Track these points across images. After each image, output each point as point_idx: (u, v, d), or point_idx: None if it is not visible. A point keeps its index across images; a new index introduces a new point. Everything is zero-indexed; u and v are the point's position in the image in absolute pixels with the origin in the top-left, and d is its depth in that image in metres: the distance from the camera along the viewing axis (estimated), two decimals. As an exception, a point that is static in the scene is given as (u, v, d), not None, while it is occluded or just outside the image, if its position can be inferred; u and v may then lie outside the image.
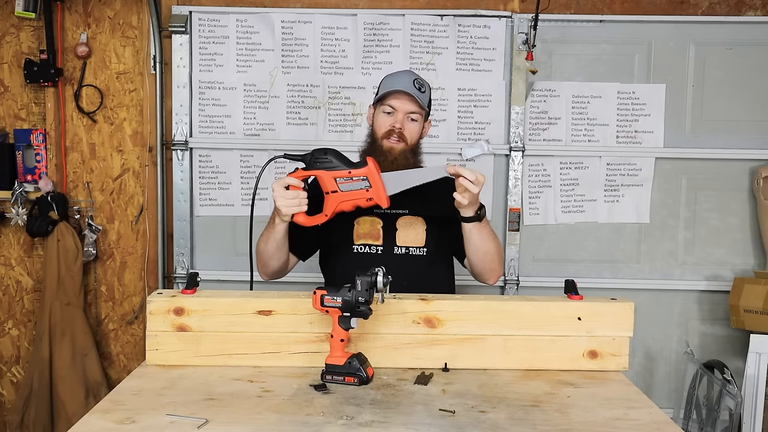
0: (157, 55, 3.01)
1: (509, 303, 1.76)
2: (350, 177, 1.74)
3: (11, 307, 3.16)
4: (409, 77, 2.01)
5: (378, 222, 2.05)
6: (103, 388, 3.01)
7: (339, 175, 1.74)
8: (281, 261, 2.03)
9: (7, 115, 3.09)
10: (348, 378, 1.58)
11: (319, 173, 1.77)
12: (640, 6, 3.04)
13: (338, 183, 1.75)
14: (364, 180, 1.73)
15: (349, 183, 1.74)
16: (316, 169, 1.77)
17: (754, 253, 3.10)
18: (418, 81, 2.01)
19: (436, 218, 2.07)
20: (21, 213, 3.00)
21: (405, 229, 2.05)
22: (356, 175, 1.74)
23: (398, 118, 1.99)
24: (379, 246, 2.04)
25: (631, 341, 1.75)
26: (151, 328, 1.71)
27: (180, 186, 3.05)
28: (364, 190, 1.74)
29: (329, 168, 1.75)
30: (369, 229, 2.04)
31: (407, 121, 2.00)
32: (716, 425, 2.52)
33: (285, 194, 1.81)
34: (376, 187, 1.74)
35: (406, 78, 2.01)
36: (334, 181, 1.75)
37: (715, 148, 3.06)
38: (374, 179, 1.73)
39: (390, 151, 1.98)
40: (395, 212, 2.05)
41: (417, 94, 1.98)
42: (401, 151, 1.99)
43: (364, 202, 1.76)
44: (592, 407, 1.49)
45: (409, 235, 2.04)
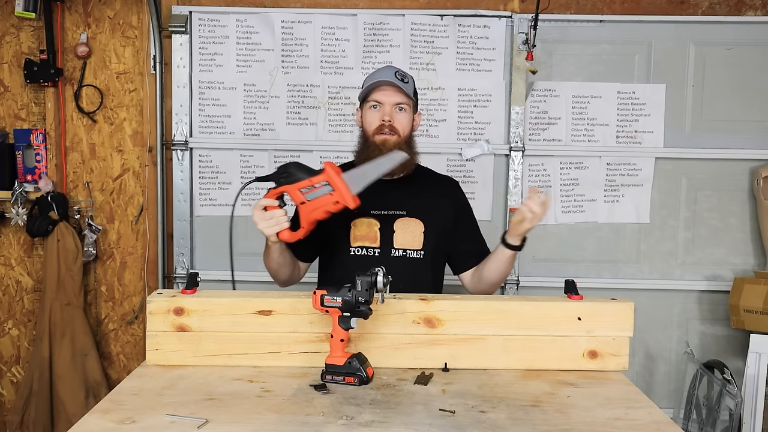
0: (157, 55, 3.01)
1: (509, 303, 1.76)
2: (312, 185, 1.74)
3: (11, 307, 3.16)
4: (390, 70, 2.00)
5: (375, 224, 2.02)
6: (103, 388, 3.01)
7: (302, 186, 1.75)
8: (289, 271, 2.05)
9: (7, 115, 3.09)
10: (348, 378, 1.58)
11: (286, 188, 1.78)
12: (640, 6, 3.04)
13: (304, 194, 1.76)
14: (326, 185, 1.74)
15: (312, 191, 1.75)
16: (282, 185, 1.78)
17: (754, 253, 3.10)
18: (399, 73, 1.99)
19: (435, 220, 2.05)
20: (21, 213, 3.00)
21: (402, 231, 2.02)
22: (317, 182, 1.74)
23: (386, 111, 1.97)
24: (376, 248, 2.01)
25: (631, 341, 1.75)
26: (151, 328, 1.71)
27: (180, 186, 3.05)
28: (329, 194, 1.75)
29: (293, 181, 1.76)
30: (366, 231, 2.02)
31: (396, 112, 1.98)
32: (716, 425, 2.52)
33: (263, 216, 1.82)
34: (339, 190, 1.73)
35: (388, 71, 1.99)
36: (299, 192, 1.76)
37: (715, 148, 3.06)
38: (335, 182, 1.73)
39: (384, 144, 1.96)
40: (393, 213, 2.02)
41: (401, 84, 1.96)
42: (395, 143, 1.96)
43: (333, 206, 1.76)
44: (592, 407, 1.49)
45: (406, 237, 2.02)
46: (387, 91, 1.96)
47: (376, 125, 1.98)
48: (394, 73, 1.98)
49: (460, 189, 2.19)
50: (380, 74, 2.00)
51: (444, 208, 2.09)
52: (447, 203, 2.10)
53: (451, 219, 2.09)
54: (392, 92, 1.96)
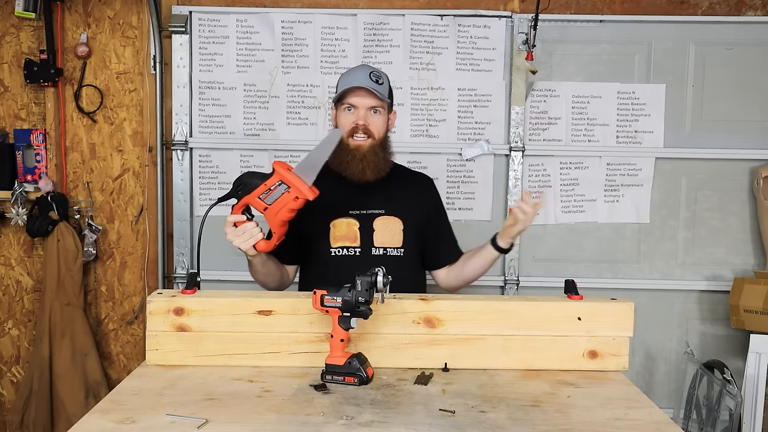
0: (157, 55, 3.01)
1: (509, 303, 1.76)
2: (268, 189, 1.75)
3: (11, 307, 3.16)
4: (364, 71, 1.98)
5: (354, 223, 2.02)
6: (103, 388, 3.01)
7: (259, 193, 1.76)
8: (276, 278, 2.05)
9: (7, 115, 3.09)
10: (348, 378, 1.58)
11: (245, 200, 1.79)
12: (640, 6, 3.04)
13: (263, 199, 1.77)
14: (280, 185, 1.75)
15: (270, 194, 1.76)
16: (241, 198, 1.79)
17: (754, 253, 3.10)
18: (374, 74, 1.98)
19: (413, 218, 2.05)
20: (21, 213, 3.00)
21: (382, 229, 2.02)
22: (271, 184, 1.75)
23: (360, 114, 1.96)
24: (356, 248, 2.01)
25: (631, 341, 1.75)
26: (151, 328, 1.71)
27: (180, 186, 3.05)
28: (286, 192, 1.75)
29: (249, 191, 1.77)
30: (346, 231, 2.01)
31: (370, 115, 1.98)
32: (716, 425, 2.52)
33: (236, 233, 1.83)
34: (295, 185, 1.74)
35: (362, 73, 1.98)
36: (259, 200, 1.77)
37: (715, 148, 3.06)
38: (288, 178, 1.74)
39: (357, 149, 1.96)
40: (372, 212, 2.02)
41: (375, 87, 1.94)
42: (369, 147, 1.97)
43: (294, 203, 1.76)
44: (592, 407, 1.49)
45: (386, 236, 2.02)
46: (361, 94, 1.96)
47: (349, 128, 1.97)
48: (368, 74, 1.97)
49: (434, 186, 2.20)
50: (355, 76, 1.98)
51: (421, 206, 2.10)
52: (424, 200, 2.12)
53: (428, 216, 2.11)
54: (366, 96, 1.96)
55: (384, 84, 2.00)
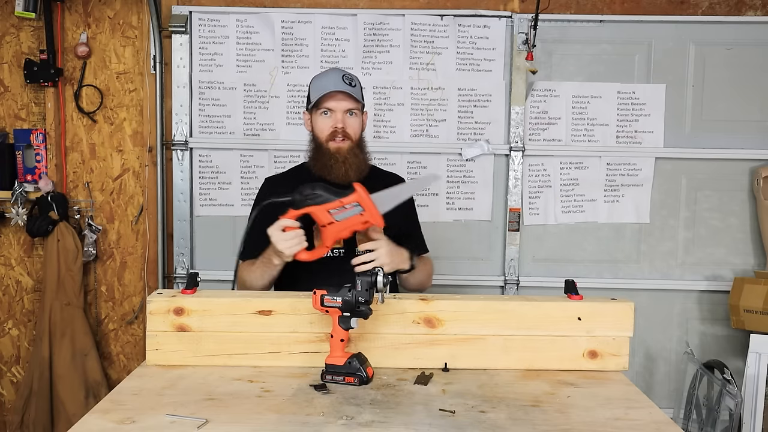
0: (157, 55, 3.01)
1: (509, 303, 1.76)
2: (343, 206, 1.74)
3: (11, 307, 3.16)
4: (337, 75, 2.00)
5: None
6: (103, 388, 3.01)
7: (331, 207, 1.75)
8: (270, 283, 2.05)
9: (7, 115, 3.09)
10: (348, 378, 1.58)
11: (312, 209, 1.77)
12: (640, 6, 3.04)
13: (332, 214, 1.76)
14: (356, 206, 1.74)
15: (343, 212, 1.75)
16: (307, 206, 1.77)
17: (754, 253, 3.10)
18: (347, 77, 2.00)
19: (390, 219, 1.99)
20: (21, 213, 3.00)
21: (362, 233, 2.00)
22: (348, 202, 1.74)
23: (338, 118, 1.98)
24: (341, 249, 2.03)
25: (631, 341, 1.75)
26: (151, 328, 1.71)
27: (180, 186, 3.05)
28: (359, 215, 1.75)
29: (321, 202, 1.75)
30: None
31: (347, 118, 2.00)
32: (716, 425, 2.52)
33: (284, 237, 1.80)
34: (370, 210, 1.75)
35: (335, 76, 2.00)
36: (328, 213, 1.75)
37: (715, 148, 3.06)
38: (366, 203, 1.74)
39: (338, 151, 1.99)
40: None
41: (349, 90, 1.97)
42: (349, 149, 2.00)
43: (361, 226, 1.77)
44: (592, 407, 1.49)
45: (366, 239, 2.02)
46: (338, 98, 1.97)
47: (328, 132, 2.00)
48: (341, 77, 1.99)
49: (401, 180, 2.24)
50: (328, 80, 1.99)
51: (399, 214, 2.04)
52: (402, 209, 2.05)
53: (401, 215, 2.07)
54: (343, 99, 1.98)
55: (357, 86, 2.03)
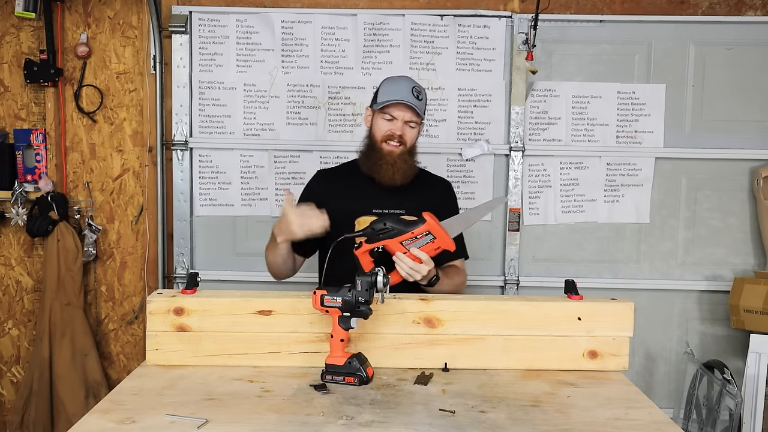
0: (157, 55, 3.01)
1: (509, 303, 1.76)
2: (414, 237, 1.80)
3: (11, 307, 3.16)
4: (408, 85, 2.09)
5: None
6: (103, 388, 3.01)
7: (404, 239, 1.81)
8: (289, 266, 2.13)
9: (7, 115, 3.09)
10: (348, 378, 1.58)
11: (386, 243, 1.82)
12: (640, 6, 3.04)
13: (405, 245, 1.81)
14: (427, 234, 1.79)
15: (415, 242, 1.80)
16: (380, 240, 1.82)
17: (754, 253, 3.10)
18: (416, 89, 2.09)
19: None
20: (21, 213, 3.00)
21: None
22: (419, 233, 1.79)
23: (398, 125, 2.09)
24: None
25: (631, 341, 1.75)
26: (151, 328, 1.71)
27: (180, 186, 3.05)
28: (431, 242, 1.80)
29: (394, 235, 1.81)
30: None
31: (406, 127, 2.10)
32: (716, 425, 2.52)
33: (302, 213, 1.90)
34: (441, 237, 1.80)
35: (406, 87, 2.08)
36: (401, 245, 1.81)
37: (715, 148, 3.06)
38: (437, 231, 1.79)
39: (389, 154, 2.08)
40: (393, 212, 2.10)
41: (416, 104, 2.07)
42: (400, 153, 2.09)
43: (433, 252, 1.82)
44: (592, 407, 1.49)
45: None
46: (402, 109, 2.07)
47: (385, 133, 2.09)
48: (412, 89, 2.08)
49: (452, 190, 2.31)
50: (400, 89, 2.08)
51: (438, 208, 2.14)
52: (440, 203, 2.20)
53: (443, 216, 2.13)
54: (407, 111, 2.08)
55: (423, 100, 2.12)
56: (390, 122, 2.09)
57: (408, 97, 2.06)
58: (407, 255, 1.81)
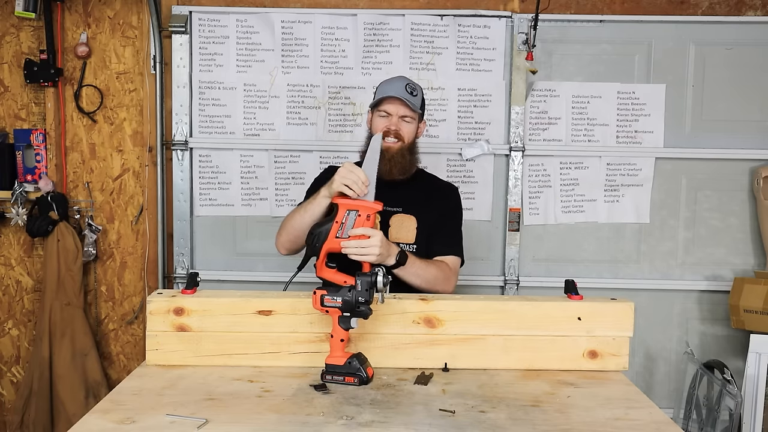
0: (157, 55, 3.01)
1: (509, 303, 1.76)
2: (340, 224, 1.72)
3: (11, 307, 3.16)
4: (401, 83, 2.13)
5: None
6: (103, 388, 3.01)
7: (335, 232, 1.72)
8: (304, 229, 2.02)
9: (7, 115, 3.09)
10: (348, 378, 1.58)
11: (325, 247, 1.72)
12: (640, 6, 3.04)
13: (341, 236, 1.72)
14: (349, 213, 1.73)
15: (344, 227, 1.72)
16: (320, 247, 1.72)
17: (754, 253, 3.10)
18: (410, 86, 2.13)
19: (427, 217, 2.15)
20: (21, 213, 3.00)
21: (397, 226, 2.12)
22: (341, 218, 1.72)
23: (393, 121, 2.12)
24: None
25: (631, 341, 1.75)
26: (151, 328, 1.71)
27: (180, 186, 3.05)
28: (358, 217, 1.73)
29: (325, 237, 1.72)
30: None
31: (401, 122, 2.13)
32: (716, 425, 2.52)
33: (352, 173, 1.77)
34: (363, 206, 1.74)
35: (399, 84, 2.13)
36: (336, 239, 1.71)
37: (715, 148, 3.06)
38: (354, 205, 1.74)
39: (387, 150, 2.10)
40: (389, 210, 2.11)
41: (409, 98, 2.10)
42: (398, 149, 2.12)
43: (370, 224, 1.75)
44: (592, 407, 1.49)
45: (401, 232, 2.12)
46: (395, 103, 2.11)
47: (382, 130, 2.11)
48: (404, 85, 2.11)
49: (457, 194, 2.30)
50: (392, 86, 2.13)
51: (436, 207, 2.20)
52: (441, 204, 2.22)
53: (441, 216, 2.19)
54: (400, 106, 2.11)
55: (418, 96, 2.15)
56: (385, 118, 2.12)
57: (401, 92, 2.09)
58: (349, 239, 1.72)
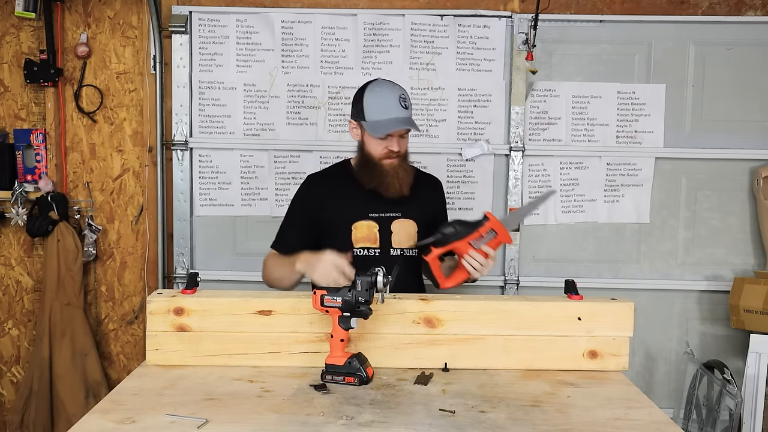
0: (157, 55, 3.01)
1: (509, 303, 1.77)
2: (480, 235, 1.89)
3: (11, 307, 3.16)
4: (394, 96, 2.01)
5: (374, 226, 2.10)
6: (103, 388, 3.01)
7: (471, 239, 1.89)
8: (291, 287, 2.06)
9: (7, 115, 3.09)
10: (348, 378, 1.58)
11: (454, 245, 1.90)
12: (640, 6, 3.04)
13: (472, 245, 1.89)
14: (491, 232, 1.90)
15: (481, 240, 1.90)
16: (451, 243, 1.89)
17: (754, 253, 3.10)
18: (402, 98, 2.03)
19: (425, 220, 2.15)
20: (21, 213, 3.00)
21: (399, 231, 2.12)
22: (484, 231, 1.89)
23: (394, 142, 2.03)
24: (376, 249, 2.09)
25: (631, 341, 1.75)
26: (151, 328, 1.71)
27: (180, 186, 3.05)
28: (493, 239, 1.91)
29: (461, 237, 1.89)
30: (366, 233, 2.09)
31: (401, 140, 2.07)
32: (716, 425, 2.52)
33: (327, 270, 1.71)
34: (502, 233, 1.91)
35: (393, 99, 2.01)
36: (469, 244, 1.89)
37: (715, 148, 3.06)
38: (498, 227, 1.91)
39: (391, 167, 2.06)
40: (389, 215, 2.11)
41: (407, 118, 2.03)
42: (399, 163, 2.08)
43: (495, 247, 1.93)
44: (592, 407, 1.49)
45: (402, 237, 2.11)
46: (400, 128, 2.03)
47: (383, 153, 2.05)
48: (399, 100, 2.01)
49: (441, 187, 2.33)
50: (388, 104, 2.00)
51: (431, 207, 2.22)
52: (433, 201, 2.24)
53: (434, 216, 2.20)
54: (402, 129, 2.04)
55: (410, 106, 2.07)
56: (385, 140, 2.03)
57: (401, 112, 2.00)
58: (478, 252, 1.87)
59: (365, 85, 2.09)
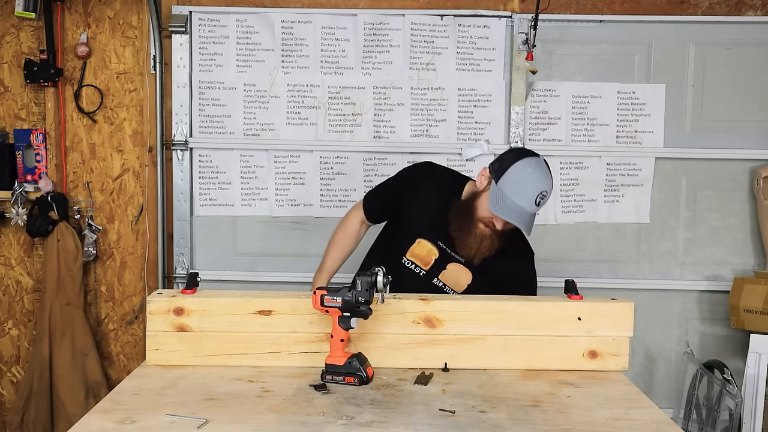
0: (157, 55, 3.01)
1: (509, 303, 1.76)
2: None
3: (11, 307, 3.16)
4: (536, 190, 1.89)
5: (435, 254, 2.06)
6: (103, 388, 3.01)
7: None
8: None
9: (7, 115, 3.09)
10: (348, 378, 1.58)
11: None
12: (640, 6, 3.04)
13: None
14: None
15: None
16: None
17: (754, 253, 3.09)
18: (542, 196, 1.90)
19: (484, 282, 2.04)
20: (21, 213, 3.00)
21: (453, 272, 2.07)
22: None
23: (501, 223, 1.93)
24: (423, 270, 2.07)
25: (631, 341, 1.75)
26: (151, 328, 1.71)
27: (180, 186, 3.05)
28: None
29: None
30: (425, 254, 2.07)
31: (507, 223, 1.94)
32: (716, 425, 2.52)
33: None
34: None
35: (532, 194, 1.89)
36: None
37: (715, 148, 3.05)
38: None
39: (480, 233, 1.97)
40: (453, 256, 2.04)
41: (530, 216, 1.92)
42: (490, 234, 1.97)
43: None
44: (592, 407, 1.49)
45: (452, 279, 2.07)
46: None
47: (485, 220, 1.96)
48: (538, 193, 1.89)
49: (528, 262, 2.15)
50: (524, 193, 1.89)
51: (498, 273, 2.05)
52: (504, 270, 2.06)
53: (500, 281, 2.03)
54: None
55: (543, 204, 1.94)
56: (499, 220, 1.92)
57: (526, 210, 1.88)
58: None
59: (523, 154, 1.98)
